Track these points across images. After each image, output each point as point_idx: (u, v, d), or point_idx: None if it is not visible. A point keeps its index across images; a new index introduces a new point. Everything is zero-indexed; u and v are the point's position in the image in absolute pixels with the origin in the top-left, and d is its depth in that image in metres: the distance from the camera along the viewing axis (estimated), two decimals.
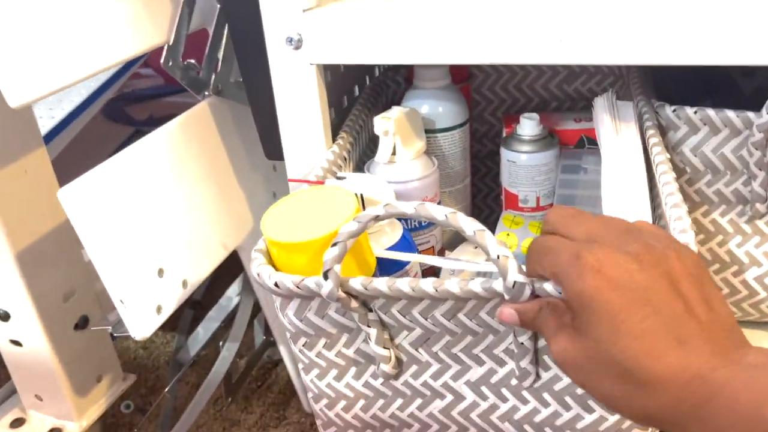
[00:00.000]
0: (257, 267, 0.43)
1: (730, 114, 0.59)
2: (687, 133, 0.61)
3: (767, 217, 0.62)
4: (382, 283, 0.41)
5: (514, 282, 0.37)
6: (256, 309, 0.85)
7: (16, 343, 0.72)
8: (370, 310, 0.43)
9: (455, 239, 0.75)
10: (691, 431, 0.32)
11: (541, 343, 0.42)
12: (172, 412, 0.88)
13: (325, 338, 0.45)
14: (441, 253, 0.71)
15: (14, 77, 0.48)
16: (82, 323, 0.74)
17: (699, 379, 0.31)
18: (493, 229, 0.68)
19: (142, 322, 0.58)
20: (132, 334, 0.58)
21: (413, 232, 0.66)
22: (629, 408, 0.33)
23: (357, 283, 0.41)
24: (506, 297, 0.38)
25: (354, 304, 0.42)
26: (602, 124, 0.58)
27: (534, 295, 0.38)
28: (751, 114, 0.58)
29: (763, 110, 0.56)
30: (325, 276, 0.40)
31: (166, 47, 0.65)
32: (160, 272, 0.61)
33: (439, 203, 0.67)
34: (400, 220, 0.65)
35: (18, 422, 0.78)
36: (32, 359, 0.72)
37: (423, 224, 0.66)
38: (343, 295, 0.41)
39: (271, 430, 0.85)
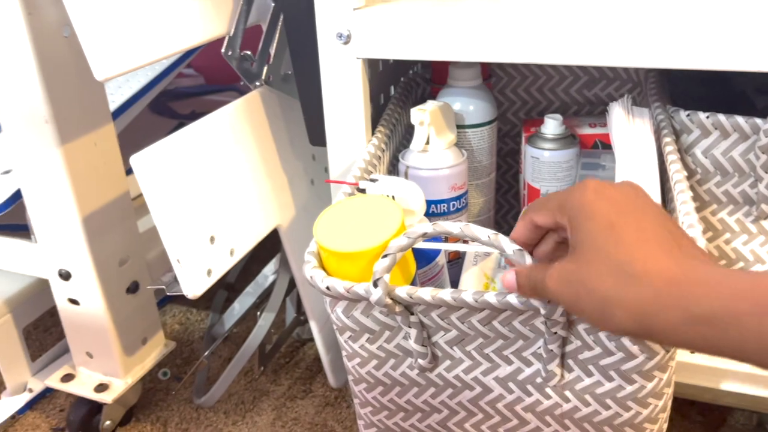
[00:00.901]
0: (310, 270, 0.47)
1: (740, 119, 0.64)
2: (699, 136, 0.66)
3: None
4: (426, 293, 0.45)
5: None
6: (290, 287, 0.91)
7: (74, 302, 0.79)
8: (412, 314, 0.47)
9: None
10: (670, 319, 0.33)
11: (568, 348, 0.46)
12: (205, 380, 0.94)
13: (368, 334, 0.50)
14: (465, 241, 0.76)
15: (102, 52, 0.55)
16: (133, 288, 0.80)
17: (691, 268, 0.34)
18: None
19: (194, 282, 0.64)
20: (185, 292, 0.64)
21: (443, 216, 0.71)
22: (622, 303, 0.34)
23: (403, 292, 0.45)
24: (543, 311, 0.43)
25: (398, 309, 0.46)
26: (616, 128, 0.63)
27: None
28: (758, 120, 0.63)
29: None
30: (375, 284, 0.44)
31: (227, 38, 0.71)
32: (212, 239, 0.67)
33: (466, 193, 0.73)
34: (429, 208, 0.70)
35: (68, 377, 0.85)
36: (87, 318, 0.79)
37: (451, 209, 0.71)
38: (390, 301, 0.45)
39: (298, 401, 0.91)
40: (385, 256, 0.44)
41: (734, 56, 0.54)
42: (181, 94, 1.59)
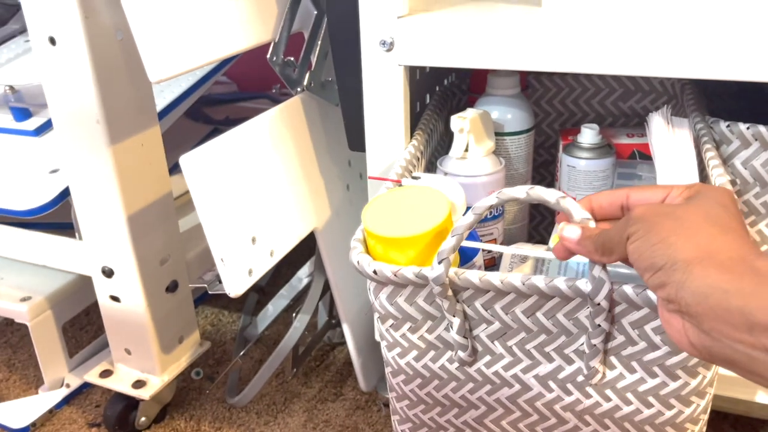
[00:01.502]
0: (357, 255, 0.48)
1: None
2: (738, 147, 0.66)
3: None
4: (474, 275, 0.45)
5: (597, 276, 0.42)
6: (324, 290, 0.92)
7: (115, 299, 0.81)
8: (458, 301, 0.47)
9: (512, 237, 0.82)
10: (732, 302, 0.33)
11: (611, 344, 0.46)
12: (237, 381, 0.95)
13: (410, 323, 0.50)
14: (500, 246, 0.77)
15: (156, 54, 0.57)
16: (173, 287, 0.82)
17: (749, 256, 0.34)
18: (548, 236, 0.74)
19: (236, 281, 0.65)
20: (227, 291, 0.65)
21: (480, 223, 0.72)
22: (664, 284, 0.36)
23: (452, 273, 0.45)
24: (589, 287, 0.43)
25: (449, 292, 0.46)
26: (657, 137, 0.63)
27: None
28: None
29: None
30: (440, 262, 0.44)
31: (272, 44, 0.73)
32: (253, 240, 0.68)
33: (503, 205, 0.74)
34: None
35: (106, 373, 0.86)
36: (128, 315, 0.80)
37: (488, 217, 0.72)
38: (448, 281, 0.45)
39: (329, 404, 0.92)
40: (454, 235, 0.44)
41: None
42: (215, 101, 1.63)
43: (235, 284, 0.65)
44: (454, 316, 0.48)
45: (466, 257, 0.61)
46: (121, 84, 0.70)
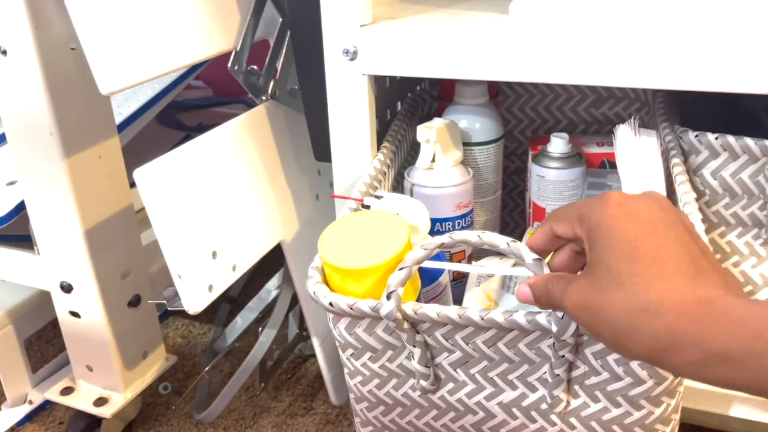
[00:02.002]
0: (313, 285, 0.47)
1: (749, 141, 0.63)
2: (708, 157, 0.65)
3: None
4: (432, 310, 0.44)
5: (564, 314, 0.41)
6: (293, 302, 0.90)
7: (75, 314, 0.78)
8: (417, 332, 0.46)
9: (483, 251, 0.80)
10: (685, 356, 0.31)
11: (575, 373, 0.45)
12: (206, 396, 0.93)
13: (371, 352, 0.49)
14: (470, 261, 0.75)
15: (107, 67, 0.55)
16: (135, 301, 0.80)
17: (706, 302, 0.32)
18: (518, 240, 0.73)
19: (195, 297, 0.63)
20: (186, 308, 0.63)
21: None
22: (637, 336, 0.33)
23: (409, 308, 0.44)
24: (554, 328, 0.41)
25: (406, 325, 0.45)
26: (622, 151, 0.62)
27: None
28: None
29: None
30: (388, 297, 0.43)
31: (233, 53, 0.71)
32: (214, 254, 0.66)
33: (472, 211, 0.72)
34: (434, 227, 0.70)
35: (67, 390, 0.84)
36: (88, 331, 0.78)
37: (457, 227, 0.71)
38: (400, 316, 0.44)
39: (299, 419, 0.90)
40: (402, 268, 0.44)
41: (743, 78, 0.54)
42: (188, 106, 1.60)
43: (195, 301, 0.63)
44: (414, 347, 0.47)
45: (431, 277, 0.60)
46: (75, 95, 0.68)
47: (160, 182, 0.60)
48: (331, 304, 0.46)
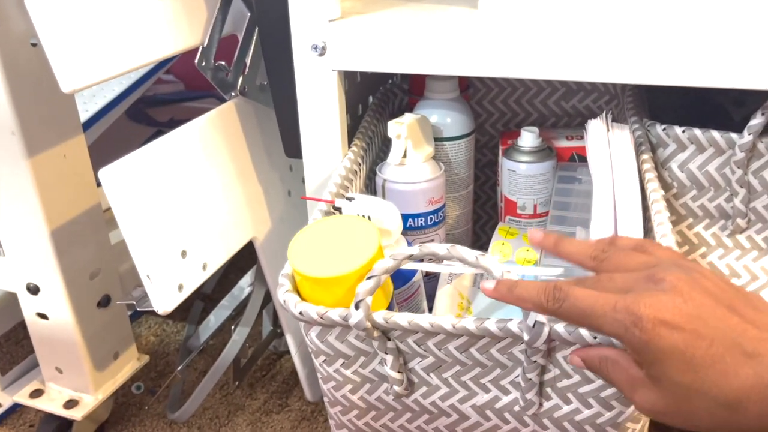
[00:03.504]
0: (283, 294, 0.46)
1: (715, 134, 0.64)
2: (675, 150, 0.66)
3: (747, 232, 0.67)
4: (403, 319, 0.44)
5: (535, 322, 0.41)
6: (266, 299, 0.90)
7: (43, 316, 0.77)
8: (389, 339, 0.46)
9: (455, 242, 0.80)
10: None
11: (547, 376, 0.45)
12: (180, 395, 0.92)
13: (343, 359, 0.49)
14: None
15: (69, 64, 0.54)
16: (105, 302, 0.78)
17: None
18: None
19: (164, 298, 0.63)
20: (155, 308, 0.62)
21: (420, 230, 0.71)
22: (735, 428, 0.34)
23: (380, 317, 0.44)
24: (525, 337, 0.41)
25: (376, 333, 0.45)
26: (593, 146, 0.62)
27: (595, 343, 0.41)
28: (734, 135, 0.63)
29: (745, 131, 0.61)
30: (357, 306, 0.43)
31: (200, 48, 0.70)
32: (183, 253, 0.66)
33: (444, 206, 0.72)
34: (407, 222, 0.70)
35: (37, 393, 0.82)
36: (56, 332, 0.77)
37: (428, 223, 0.71)
38: (369, 325, 0.44)
39: (274, 416, 0.90)
40: (370, 277, 0.44)
41: (709, 73, 0.54)
42: (160, 101, 1.58)
43: (164, 301, 0.62)
44: (386, 353, 0.47)
45: (404, 278, 0.60)
46: (37, 93, 0.66)
47: (125, 181, 0.58)
48: (301, 313, 0.45)
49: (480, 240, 0.94)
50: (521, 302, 0.40)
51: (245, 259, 0.86)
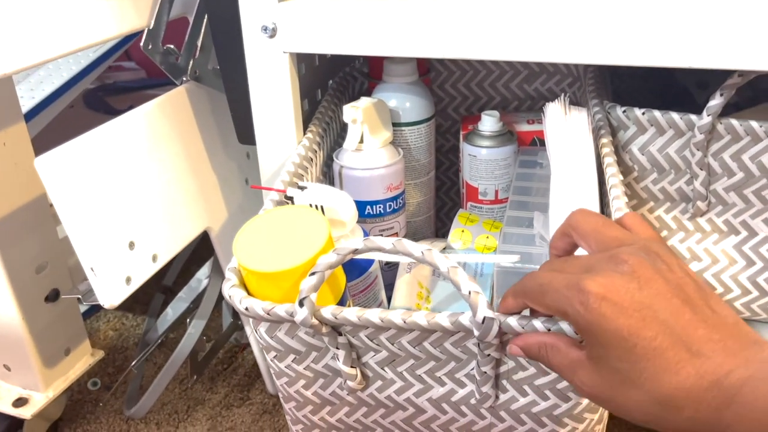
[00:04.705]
0: (229, 289, 0.44)
1: (675, 116, 0.63)
2: (635, 133, 0.65)
3: (708, 215, 0.66)
4: (352, 313, 0.42)
5: (484, 317, 0.39)
6: None
7: None
8: (340, 334, 0.45)
9: (417, 229, 0.79)
10: None
11: (502, 369, 0.44)
12: (138, 390, 0.89)
13: (294, 354, 0.47)
14: None
15: None
16: (53, 296, 0.75)
17: (716, 385, 0.31)
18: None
19: (111, 291, 0.60)
20: (101, 302, 0.60)
21: (379, 217, 0.69)
22: (665, 426, 0.33)
23: (328, 312, 0.42)
24: (476, 332, 0.40)
25: (325, 329, 0.43)
26: (551, 129, 0.61)
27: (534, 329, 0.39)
28: (693, 116, 0.62)
29: (704, 112, 0.61)
30: (301, 303, 0.41)
31: (145, 31, 0.67)
32: (131, 245, 0.63)
33: (404, 192, 0.71)
34: (365, 210, 0.68)
35: None
36: (2, 328, 0.73)
37: (387, 210, 0.69)
38: (316, 322, 0.42)
39: (235, 410, 0.87)
40: (313, 273, 0.42)
41: (669, 53, 0.53)
42: (119, 89, 1.53)
43: (110, 295, 0.60)
44: (338, 348, 0.45)
45: (360, 269, 0.58)
46: None
47: (64, 171, 0.56)
48: (247, 309, 0.43)
49: (445, 226, 0.93)
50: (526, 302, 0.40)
51: (209, 250, 0.83)
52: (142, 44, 0.67)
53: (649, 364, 0.32)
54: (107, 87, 1.51)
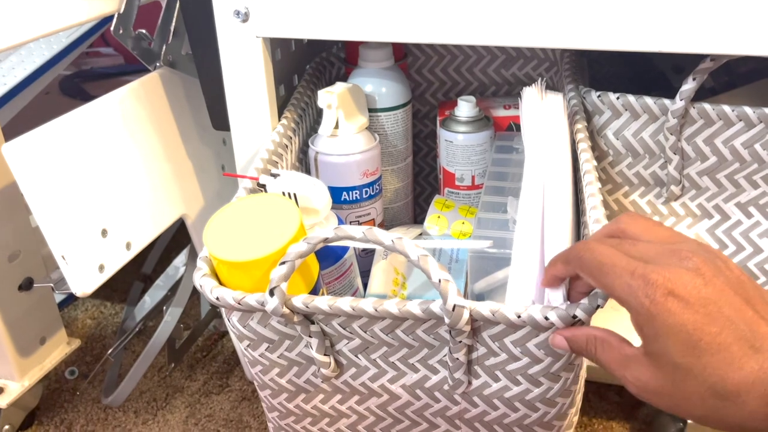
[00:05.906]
0: (199, 279, 0.44)
1: (648, 100, 0.63)
2: (610, 117, 0.65)
3: (681, 199, 0.67)
4: (323, 302, 0.42)
5: (454, 305, 0.39)
6: None
7: None
8: (312, 323, 0.44)
9: (395, 216, 0.79)
10: None
11: (474, 355, 0.44)
12: (116, 378, 0.89)
13: (267, 343, 0.47)
14: (381, 227, 0.74)
15: None
16: (27, 285, 0.74)
17: None
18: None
19: (83, 279, 0.59)
20: (73, 290, 0.59)
21: (355, 203, 0.68)
22: (723, 423, 0.33)
23: (299, 301, 0.42)
24: (446, 320, 0.40)
25: (296, 318, 0.43)
26: (527, 114, 0.60)
27: (578, 322, 0.39)
28: (667, 101, 0.62)
29: (677, 97, 0.61)
30: (271, 293, 0.41)
31: (116, 15, 0.66)
32: (104, 232, 0.62)
33: (380, 178, 0.70)
34: (341, 196, 0.67)
35: None
36: None
37: (364, 196, 0.69)
38: (287, 311, 0.42)
39: (214, 397, 0.87)
40: (283, 263, 0.41)
41: (642, 37, 0.53)
42: (97, 75, 1.51)
43: (82, 283, 0.59)
44: (311, 337, 0.45)
45: (335, 256, 0.57)
46: None
47: (32, 157, 0.55)
48: (217, 298, 0.43)
49: (424, 212, 0.92)
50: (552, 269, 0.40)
51: (188, 237, 0.83)
52: (112, 29, 0.66)
53: (714, 359, 0.32)
54: (84, 73, 1.48)
